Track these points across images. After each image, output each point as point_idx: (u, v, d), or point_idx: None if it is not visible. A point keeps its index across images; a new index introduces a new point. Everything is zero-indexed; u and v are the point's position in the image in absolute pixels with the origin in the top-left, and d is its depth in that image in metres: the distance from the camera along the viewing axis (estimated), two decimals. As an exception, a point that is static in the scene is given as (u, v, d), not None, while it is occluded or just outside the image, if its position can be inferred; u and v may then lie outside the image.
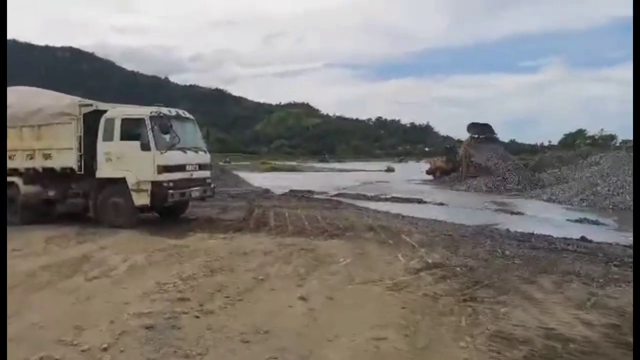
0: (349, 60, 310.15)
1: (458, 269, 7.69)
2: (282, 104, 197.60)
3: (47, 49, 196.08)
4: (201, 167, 12.41)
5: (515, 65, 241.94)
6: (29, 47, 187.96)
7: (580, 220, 18.28)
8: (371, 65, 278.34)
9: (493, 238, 11.83)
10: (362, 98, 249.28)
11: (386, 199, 26.56)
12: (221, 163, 56.89)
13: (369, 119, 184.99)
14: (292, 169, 74.46)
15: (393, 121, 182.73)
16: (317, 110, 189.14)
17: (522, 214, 20.60)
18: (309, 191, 30.74)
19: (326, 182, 44.72)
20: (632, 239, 14.21)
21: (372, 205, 22.46)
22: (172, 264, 7.56)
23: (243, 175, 39.17)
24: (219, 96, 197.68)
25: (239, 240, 9.82)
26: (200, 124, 13.49)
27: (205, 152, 12.84)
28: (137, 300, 5.69)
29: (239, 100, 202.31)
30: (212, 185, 13.01)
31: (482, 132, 43.80)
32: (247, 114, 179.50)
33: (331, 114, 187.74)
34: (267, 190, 27.02)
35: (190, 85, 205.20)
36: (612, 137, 72.09)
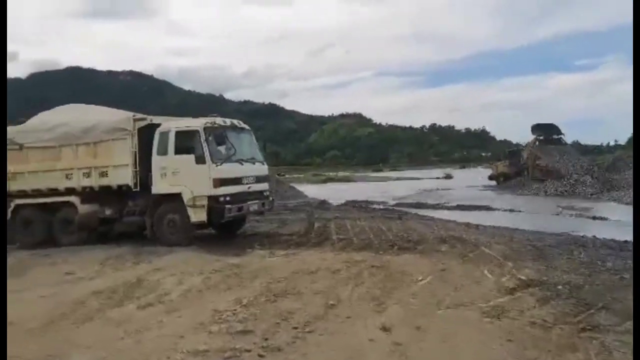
0: (399, 68, 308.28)
1: (560, 287, 6.54)
2: (334, 115, 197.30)
3: (109, 73, 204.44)
4: (259, 179, 11.72)
5: (572, 63, 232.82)
6: (92, 73, 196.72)
7: (674, 224, 16.41)
8: (422, 72, 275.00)
9: (585, 247, 10.50)
10: (414, 105, 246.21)
11: (450, 207, 25.20)
12: (277, 176, 56.87)
13: (423, 126, 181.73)
14: (346, 179, 73.49)
15: (447, 127, 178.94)
16: (370, 120, 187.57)
17: (605, 218, 18.83)
18: (367, 201, 29.75)
19: (383, 191, 43.53)
20: None
21: (436, 214, 21.22)
22: (231, 287, 6.80)
23: (299, 187, 38.65)
24: (272, 110, 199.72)
25: (301, 256, 8.98)
26: (256, 139, 12.86)
27: (262, 163, 12.16)
28: (192, 333, 4.93)
29: (292, 114, 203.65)
30: (271, 198, 12.30)
31: (547, 133, 41.45)
32: (300, 127, 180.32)
33: (384, 123, 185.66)
34: (324, 201, 26.21)
35: (244, 101, 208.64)
36: (688, 134, 66.98)
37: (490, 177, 45.15)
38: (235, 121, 11.84)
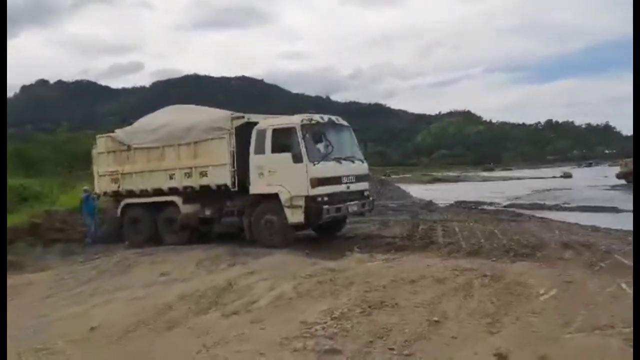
0: (508, 63, 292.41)
1: None
2: (441, 113, 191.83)
3: (222, 79, 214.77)
4: (358, 178, 11.10)
5: None
6: (207, 79, 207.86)
7: None
8: (534, 66, 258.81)
9: None
10: (527, 101, 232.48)
11: (571, 208, 22.99)
12: (382, 177, 56.11)
13: (537, 123, 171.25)
14: (455, 179, 70.93)
15: (565, 123, 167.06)
16: (479, 117, 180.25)
17: None
18: (477, 202, 28.13)
19: (495, 191, 41.16)
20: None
21: (555, 215, 19.35)
22: (324, 295, 6.23)
23: (404, 187, 37.57)
24: (378, 110, 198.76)
25: (403, 262, 8.23)
26: (360, 139, 12.28)
27: (362, 161, 11.53)
28: (273, 350, 4.42)
29: (398, 113, 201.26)
30: (371, 199, 11.64)
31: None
32: (407, 126, 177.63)
33: (494, 120, 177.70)
34: (430, 202, 25.03)
35: (350, 102, 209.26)
36: None
37: (619, 176, 41.00)
38: (333, 117, 11.32)
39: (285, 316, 5.43)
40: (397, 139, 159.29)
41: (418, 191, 38.11)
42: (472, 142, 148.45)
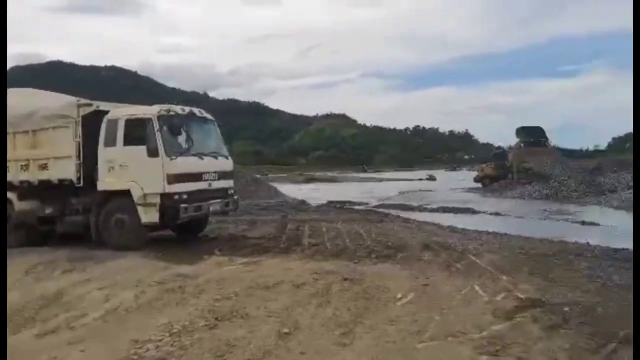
0: (385, 70, 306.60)
1: (567, 309, 5.38)
2: (319, 115, 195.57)
3: (91, 68, 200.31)
4: (222, 175, 10.42)
5: (557, 69, 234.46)
6: (73, 67, 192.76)
7: (669, 231, 15.46)
8: (407, 75, 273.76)
9: (583, 256, 9.39)
10: (399, 107, 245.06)
11: (434, 209, 24.13)
12: (257, 175, 55.55)
13: (407, 128, 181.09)
14: (330, 180, 72.37)
15: (431, 129, 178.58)
16: (355, 121, 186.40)
17: (596, 224, 17.83)
18: (349, 202, 28.65)
19: (366, 191, 42.43)
20: None
21: (420, 216, 20.12)
22: (168, 306, 5.52)
23: (279, 186, 37.34)
24: (257, 109, 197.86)
25: (263, 265, 7.72)
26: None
27: (227, 157, 10.86)
28: (88, 379, 3.65)
29: (276, 113, 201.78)
30: (236, 197, 11.00)
31: (533, 136, 40.72)
32: (285, 126, 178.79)
33: (368, 124, 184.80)
34: (303, 202, 24.99)
35: (229, 99, 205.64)
36: (666, 140, 67.70)
37: (476, 180, 44.28)
38: (195, 109, 10.53)
39: (114, 333, 4.65)
40: (274, 138, 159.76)
41: (292, 190, 38.09)
42: (347, 145, 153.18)
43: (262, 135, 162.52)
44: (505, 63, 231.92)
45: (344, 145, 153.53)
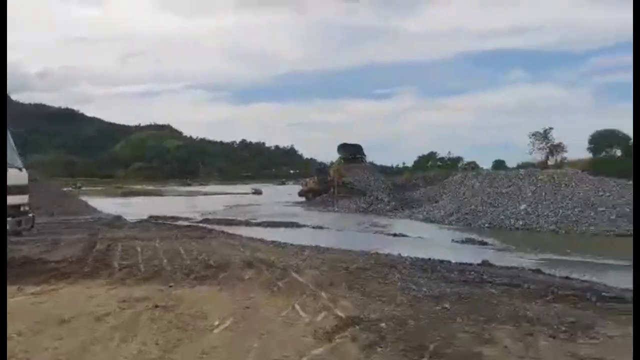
0: (211, 83, 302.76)
1: (383, 324, 5.45)
2: (141, 125, 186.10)
3: None
4: (13, 190, 8.96)
5: (372, 92, 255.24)
6: None
7: (466, 241, 17.34)
8: (234, 88, 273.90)
9: (396, 269, 9.90)
10: (226, 121, 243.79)
11: (258, 224, 24.15)
12: (68, 188, 50.67)
13: (234, 142, 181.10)
14: (152, 193, 69.10)
15: (258, 143, 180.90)
16: (180, 133, 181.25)
17: (406, 235, 19.31)
18: (172, 217, 27.45)
19: (191, 205, 41.31)
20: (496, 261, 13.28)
21: (245, 231, 19.92)
22: None
23: (92, 201, 34.40)
24: (71, 116, 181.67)
25: (61, 294, 6.70)
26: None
27: (20, 169, 9.41)
28: None
29: (94, 121, 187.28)
30: (31, 215, 9.57)
31: (352, 152, 43.27)
32: (102, 136, 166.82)
33: (194, 136, 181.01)
34: (118, 217, 23.17)
35: (37, 104, 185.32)
36: (459, 159, 77.96)
37: (300, 194, 45.60)
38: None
39: None
40: (91, 148, 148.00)
41: (108, 205, 35.38)
42: (171, 157, 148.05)
43: (76, 144, 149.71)
44: (327, 83, 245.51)
45: (168, 157, 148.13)
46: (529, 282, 8.71)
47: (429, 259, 12.45)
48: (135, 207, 37.35)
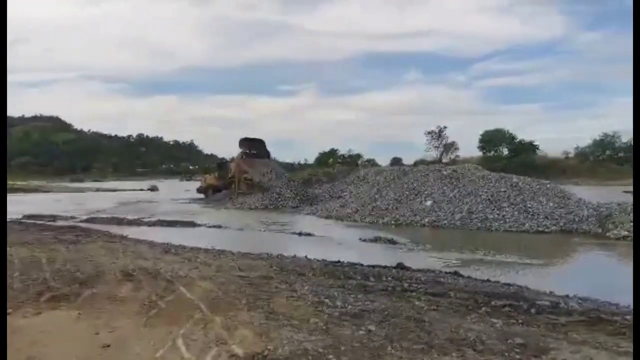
0: (105, 74, 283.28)
1: (296, 362, 4.09)
2: (25, 116, 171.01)
3: None
4: None
5: (276, 88, 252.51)
6: None
7: (374, 240, 16.44)
8: (131, 80, 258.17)
9: (305, 277, 8.62)
10: (121, 114, 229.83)
11: (151, 223, 21.90)
12: None
13: (130, 136, 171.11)
14: (36, 190, 63.07)
15: (155, 138, 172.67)
16: (70, 125, 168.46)
17: (311, 234, 18.11)
18: (52, 216, 24.39)
19: (79, 203, 37.54)
20: (439, 261, 12.54)
21: (133, 231, 17.75)
22: None
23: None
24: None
25: None
26: None
27: None
28: None
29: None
30: None
31: (254, 147, 41.56)
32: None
33: (86, 130, 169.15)
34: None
35: None
36: (359, 156, 79.04)
37: (199, 190, 43.19)
38: None
39: None
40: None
41: (-23, 203, 31.15)
42: (60, 151, 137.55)
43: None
44: (227, 78, 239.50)
45: (57, 151, 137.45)
46: (454, 290, 7.77)
47: (339, 262, 11.31)
48: (12, 205, 33.20)
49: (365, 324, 5.44)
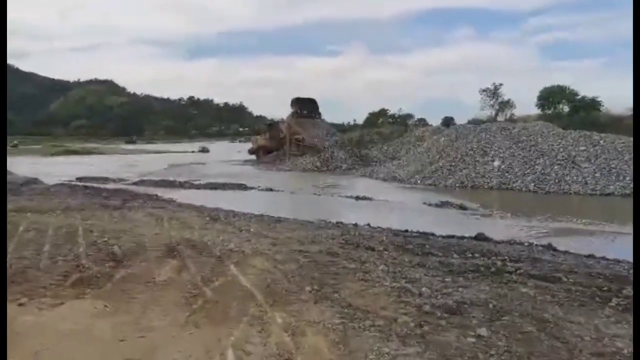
0: (156, 38, 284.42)
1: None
2: (81, 81, 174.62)
3: None
4: None
5: (322, 48, 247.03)
6: None
7: (440, 205, 14.94)
8: (180, 44, 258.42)
9: (374, 251, 7.29)
10: (172, 77, 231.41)
11: (200, 186, 21.09)
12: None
13: (181, 99, 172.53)
14: (91, 152, 64.23)
15: (206, 101, 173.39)
16: (123, 89, 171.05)
17: (369, 198, 16.76)
18: (104, 179, 24.01)
19: (130, 165, 37.48)
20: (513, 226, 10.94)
21: (182, 195, 16.92)
22: None
23: (20, 159, 30.33)
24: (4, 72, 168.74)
25: None
26: None
27: None
28: None
29: (29, 77, 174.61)
30: None
31: (306, 107, 40.17)
32: (40, 92, 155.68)
33: (139, 93, 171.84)
34: (34, 180, 19.66)
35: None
36: (410, 116, 76.15)
37: (250, 152, 42.43)
38: None
39: None
40: (28, 105, 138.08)
41: (33, 166, 31.45)
42: (114, 114, 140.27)
43: (12, 101, 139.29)
44: (274, 39, 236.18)
45: (111, 114, 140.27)
46: (561, 271, 6.28)
47: (407, 231, 9.97)
48: (65, 167, 33.31)
49: (471, 324, 4.11)
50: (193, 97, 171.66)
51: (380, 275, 5.75)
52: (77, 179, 23.70)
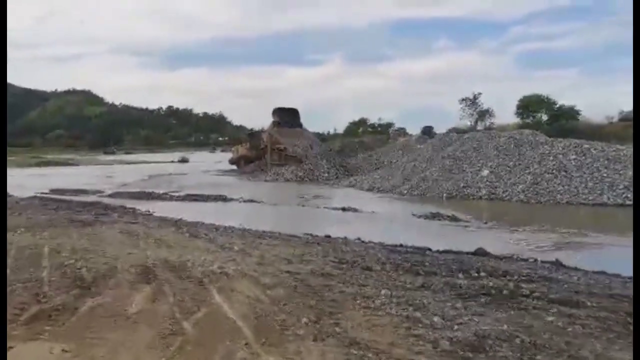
0: (136, 47, 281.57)
1: None
2: (59, 91, 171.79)
3: None
4: None
5: (303, 57, 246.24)
6: None
7: (431, 216, 14.36)
8: (160, 53, 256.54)
9: (372, 271, 6.64)
10: (151, 86, 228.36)
11: (179, 198, 20.25)
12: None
13: (160, 108, 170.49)
14: (68, 163, 62.74)
15: (185, 110, 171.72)
16: (102, 99, 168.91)
17: (357, 210, 16.13)
18: (80, 191, 23.02)
19: (108, 176, 36.39)
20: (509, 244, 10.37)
21: (161, 207, 16.12)
22: None
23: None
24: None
25: None
26: None
27: None
28: None
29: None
30: None
31: (287, 117, 39.47)
32: (17, 102, 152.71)
33: (117, 103, 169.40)
34: (2, 195, 18.61)
35: None
36: (390, 125, 76.18)
37: (231, 161, 41.60)
38: None
39: None
40: (7, 115, 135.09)
41: (11, 179, 30.24)
42: (93, 124, 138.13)
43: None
44: (255, 49, 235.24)
45: (90, 124, 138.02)
46: (583, 293, 5.70)
47: (402, 246, 9.36)
48: (41, 179, 32.14)
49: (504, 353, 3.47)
50: (172, 106, 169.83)
51: (384, 301, 5.11)
52: (50, 191, 22.73)
